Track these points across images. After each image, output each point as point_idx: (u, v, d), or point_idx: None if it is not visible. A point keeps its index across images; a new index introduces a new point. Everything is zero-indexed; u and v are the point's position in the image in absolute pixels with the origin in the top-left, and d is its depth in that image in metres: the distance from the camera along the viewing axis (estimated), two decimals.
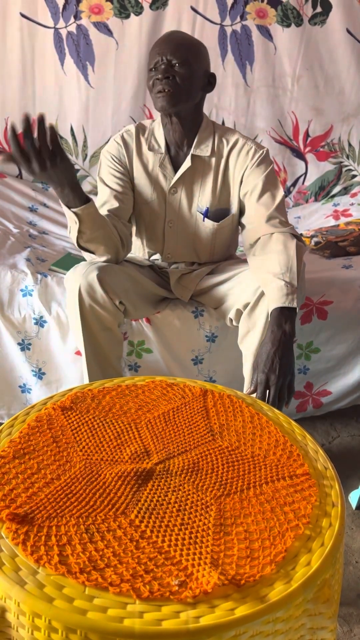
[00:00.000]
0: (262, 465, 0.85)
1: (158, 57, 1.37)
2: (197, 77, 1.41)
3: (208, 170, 1.51)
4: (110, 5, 2.24)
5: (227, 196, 1.53)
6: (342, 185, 2.56)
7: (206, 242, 1.58)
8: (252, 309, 1.40)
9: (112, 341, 1.45)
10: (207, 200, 1.52)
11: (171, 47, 1.37)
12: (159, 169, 1.51)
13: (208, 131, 1.50)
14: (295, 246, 1.37)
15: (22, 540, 0.68)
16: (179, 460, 0.85)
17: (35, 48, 2.26)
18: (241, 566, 0.67)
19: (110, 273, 1.41)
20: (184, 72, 1.37)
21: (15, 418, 0.93)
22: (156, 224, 1.56)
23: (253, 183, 1.48)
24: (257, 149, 1.49)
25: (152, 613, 0.61)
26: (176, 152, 1.52)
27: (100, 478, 0.80)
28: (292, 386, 1.28)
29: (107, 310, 1.38)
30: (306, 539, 0.72)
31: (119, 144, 1.52)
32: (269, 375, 1.25)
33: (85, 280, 1.36)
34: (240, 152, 1.49)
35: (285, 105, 2.46)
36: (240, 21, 2.32)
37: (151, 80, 1.39)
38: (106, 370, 1.46)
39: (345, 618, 1.18)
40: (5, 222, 2.09)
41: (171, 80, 1.36)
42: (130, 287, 1.48)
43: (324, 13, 2.32)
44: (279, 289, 1.30)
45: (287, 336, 1.27)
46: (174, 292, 1.61)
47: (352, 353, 1.70)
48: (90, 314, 1.38)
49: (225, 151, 1.50)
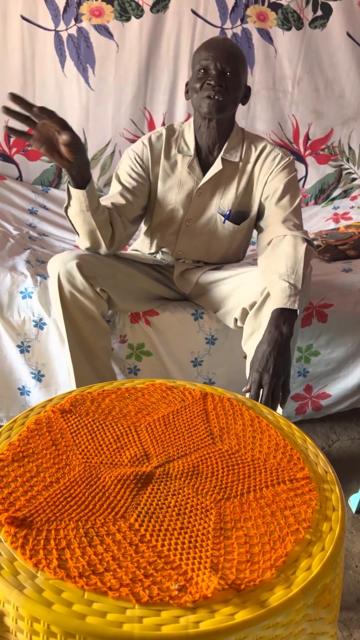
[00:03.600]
0: (262, 469, 0.85)
1: (212, 62, 1.39)
2: (242, 89, 1.45)
3: (234, 175, 1.53)
4: (111, 8, 2.24)
5: (249, 199, 1.55)
6: (342, 189, 2.57)
7: (222, 244, 1.60)
8: (258, 309, 1.40)
9: (97, 331, 1.44)
10: (229, 202, 1.54)
11: (226, 56, 1.39)
12: (187, 171, 1.52)
13: (238, 138, 1.53)
14: (305, 250, 1.38)
15: (21, 544, 0.68)
16: (179, 464, 0.85)
17: (36, 50, 2.27)
18: (241, 571, 0.66)
19: (91, 260, 1.41)
20: (234, 82, 1.41)
21: (15, 421, 0.93)
22: (173, 222, 1.58)
23: (275, 187, 1.51)
24: (284, 156, 1.53)
25: (151, 618, 0.60)
26: (206, 155, 1.54)
27: (100, 481, 0.80)
28: (287, 387, 1.28)
29: (88, 297, 1.38)
30: (307, 543, 0.71)
31: (145, 146, 1.53)
32: (263, 375, 1.25)
33: (65, 267, 1.37)
34: (267, 158, 1.53)
35: (285, 108, 2.46)
36: (241, 24, 2.32)
37: (199, 83, 1.40)
38: (94, 363, 1.46)
39: (345, 623, 1.18)
40: (5, 224, 2.09)
41: (223, 89, 1.39)
42: (116, 276, 1.48)
43: (324, 16, 2.33)
44: (282, 290, 1.31)
45: (283, 337, 1.28)
46: (176, 283, 1.62)
47: (352, 356, 1.70)
48: (70, 301, 1.38)
49: (252, 157, 1.53)
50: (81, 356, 1.44)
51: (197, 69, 1.42)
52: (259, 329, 1.40)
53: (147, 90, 2.37)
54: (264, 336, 1.30)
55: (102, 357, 1.48)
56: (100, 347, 1.47)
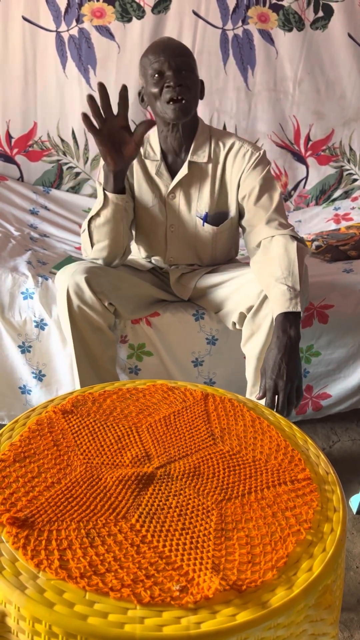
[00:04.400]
0: (264, 470, 0.85)
1: (164, 63, 1.35)
2: (199, 84, 1.43)
3: (205, 176, 1.50)
4: (112, 9, 2.25)
5: (225, 200, 1.53)
6: (343, 189, 2.57)
7: (207, 245, 1.58)
8: (255, 312, 1.39)
9: (103, 342, 1.44)
10: (205, 205, 1.52)
11: (177, 54, 1.36)
12: (156, 176, 1.51)
13: (204, 136, 1.50)
14: (296, 248, 1.37)
15: (23, 544, 0.68)
16: (180, 465, 0.85)
17: (37, 51, 2.27)
18: (242, 571, 0.66)
19: (99, 274, 1.41)
20: (191, 79, 1.38)
21: (16, 421, 0.93)
22: (158, 229, 1.56)
23: (250, 186, 1.47)
24: (254, 151, 1.49)
25: (153, 618, 0.60)
26: (173, 159, 1.52)
27: (101, 482, 0.80)
28: (300, 390, 1.27)
29: (96, 311, 1.38)
30: (308, 544, 0.71)
31: None
32: (277, 381, 1.24)
33: (73, 280, 1.36)
34: (237, 155, 1.49)
35: (286, 109, 2.46)
36: (242, 25, 2.32)
37: (157, 87, 1.37)
38: (99, 372, 1.46)
39: (346, 623, 1.18)
40: (7, 225, 2.10)
41: (184, 88, 1.35)
42: (121, 287, 1.48)
43: (325, 17, 2.33)
44: (282, 294, 1.29)
45: (292, 341, 1.27)
46: (174, 290, 1.61)
47: (353, 357, 1.70)
48: (78, 315, 1.38)
49: (222, 155, 1.50)
50: (88, 366, 1.44)
51: (150, 74, 1.37)
52: (258, 330, 1.40)
53: None
54: (272, 342, 1.28)
55: (108, 366, 1.48)
56: (107, 357, 1.47)
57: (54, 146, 2.40)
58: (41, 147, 2.39)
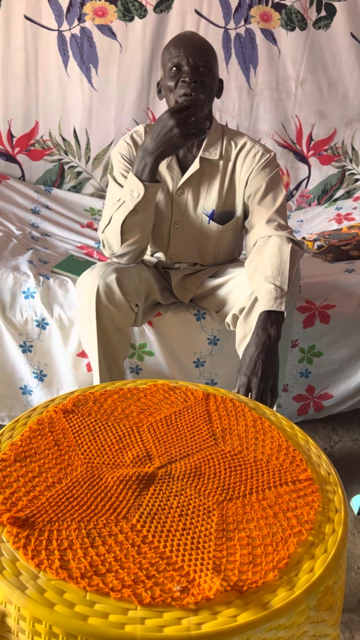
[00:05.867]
0: (265, 470, 0.85)
1: (184, 58, 1.36)
2: (216, 83, 1.43)
3: (215, 173, 1.51)
4: (114, 8, 2.24)
5: (233, 198, 1.53)
6: (345, 189, 2.56)
7: (210, 244, 1.58)
8: (247, 313, 1.39)
9: (122, 342, 1.46)
10: (213, 202, 1.52)
11: (197, 50, 1.37)
12: (167, 170, 1.51)
13: (217, 134, 1.51)
14: (290, 250, 1.37)
15: (23, 544, 0.68)
16: (181, 465, 0.85)
17: (39, 50, 2.26)
18: (243, 572, 0.66)
19: (128, 275, 1.41)
20: (208, 77, 1.38)
21: (17, 421, 0.93)
22: (162, 225, 1.56)
23: (257, 185, 1.48)
24: (264, 152, 1.50)
25: (153, 619, 0.60)
26: (184, 154, 1.52)
27: (102, 482, 0.80)
28: (275, 390, 1.27)
29: (123, 311, 1.39)
30: (309, 545, 0.71)
31: (129, 144, 1.52)
32: (251, 378, 1.25)
33: (104, 281, 1.36)
34: (248, 155, 1.50)
35: (288, 108, 2.46)
36: (244, 24, 2.32)
37: (173, 81, 1.38)
38: (111, 371, 1.46)
39: (347, 624, 1.17)
40: (8, 224, 2.09)
41: (199, 85, 1.36)
42: (142, 290, 1.48)
43: (328, 17, 2.32)
44: (268, 293, 1.30)
45: (271, 340, 1.27)
46: (175, 292, 1.61)
47: (354, 357, 1.70)
48: (105, 314, 1.38)
49: (233, 154, 1.50)
50: (104, 365, 1.45)
51: (168, 67, 1.38)
52: (250, 332, 1.39)
53: (150, 91, 2.37)
54: (252, 339, 1.29)
55: (121, 366, 1.48)
56: (122, 357, 1.48)
57: (56, 145, 2.40)
58: (43, 146, 2.39)
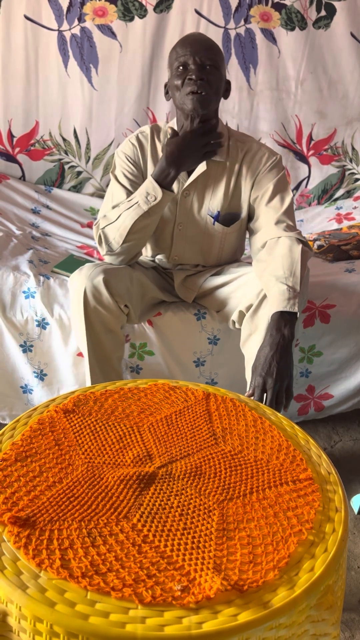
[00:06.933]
0: (265, 470, 0.85)
1: (190, 57, 1.37)
2: (223, 82, 1.44)
3: (221, 175, 1.51)
4: (115, 8, 2.24)
5: (238, 200, 1.53)
6: (345, 189, 2.56)
7: (214, 246, 1.58)
8: (254, 311, 1.39)
9: (115, 343, 1.45)
10: (218, 204, 1.52)
11: (203, 49, 1.37)
12: None
13: (224, 136, 1.50)
14: (301, 251, 1.37)
15: (24, 543, 0.68)
16: (182, 464, 0.85)
17: (39, 50, 2.26)
18: (244, 571, 0.66)
19: (116, 276, 1.41)
20: (215, 75, 1.39)
21: (18, 420, 0.93)
22: (165, 226, 1.56)
23: (264, 187, 1.49)
24: (271, 155, 1.51)
25: (154, 618, 0.60)
26: None
27: (103, 481, 0.80)
28: (290, 390, 1.28)
29: (112, 312, 1.39)
30: (309, 544, 0.71)
31: (134, 145, 1.51)
32: (266, 379, 1.25)
33: (91, 282, 1.36)
34: (254, 157, 1.50)
35: (288, 108, 2.45)
36: (244, 24, 2.32)
37: (180, 80, 1.38)
38: (107, 372, 1.46)
39: (347, 624, 1.18)
40: (8, 224, 2.09)
41: (205, 83, 1.37)
42: (134, 290, 1.48)
43: (328, 17, 2.32)
44: (280, 293, 1.30)
45: (285, 340, 1.27)
46: (178, 293, 1.61)
47: (354, 357, 1.70)
48: (94, 316, 1.38)
49: (239, 156, 1.51)
50: (97, 367, 1.45)
51: (175, 67, 1.39)
52: (256, 330, 1.40)
53: (150, 90, 2.37)
54: (265, 339, 1.29)
55: (116, 366, 1.48)
56: (115, 358, 1.47)
57: (56, 145, 2.40)
58: (43, 146, 2.39)
